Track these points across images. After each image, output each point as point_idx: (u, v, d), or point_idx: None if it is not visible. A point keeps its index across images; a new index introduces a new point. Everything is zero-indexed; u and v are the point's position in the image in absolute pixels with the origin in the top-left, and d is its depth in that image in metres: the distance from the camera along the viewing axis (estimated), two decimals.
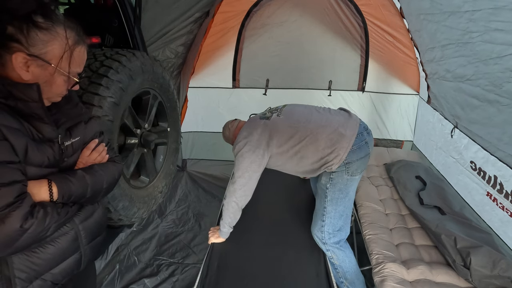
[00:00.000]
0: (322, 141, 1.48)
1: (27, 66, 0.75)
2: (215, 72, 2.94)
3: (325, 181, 1.55)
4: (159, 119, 1.91)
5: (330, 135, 1.48)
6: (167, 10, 2.22)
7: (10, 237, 0.72)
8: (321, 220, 1.59)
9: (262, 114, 1.64)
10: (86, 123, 0.95)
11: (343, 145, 1.47)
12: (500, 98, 1.59)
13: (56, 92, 0.82)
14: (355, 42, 2.86)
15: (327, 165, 1.50)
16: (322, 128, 1.50)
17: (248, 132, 1.54)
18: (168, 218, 2.59)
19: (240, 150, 1.52)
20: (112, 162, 1.02)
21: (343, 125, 1.52)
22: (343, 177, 1.52)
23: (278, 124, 1.54)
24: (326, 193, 1.55)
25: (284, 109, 1.62)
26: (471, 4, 1.44)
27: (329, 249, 1.60)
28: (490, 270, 1.47)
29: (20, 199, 0.72)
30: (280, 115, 1.58)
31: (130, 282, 1.99)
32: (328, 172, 1.53)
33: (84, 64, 0.87)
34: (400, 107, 3.01)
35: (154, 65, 1.71)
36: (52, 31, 0.76)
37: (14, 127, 0.74)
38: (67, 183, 0.84)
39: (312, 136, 1.49)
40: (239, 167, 1.53)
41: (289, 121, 1.55)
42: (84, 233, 0.93)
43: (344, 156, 1.46)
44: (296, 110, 1.62)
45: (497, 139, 1.75)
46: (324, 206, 1.57)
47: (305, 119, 1.55)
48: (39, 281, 0.85)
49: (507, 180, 1.70)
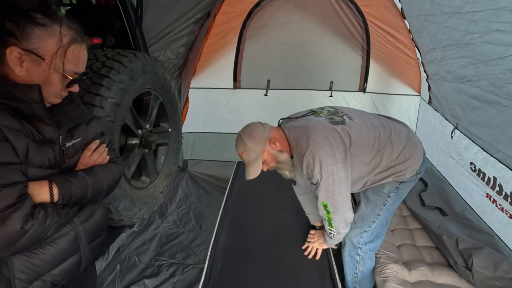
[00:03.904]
0: (397, 150, 1.34)
1: (21, 61, 0.74)
2: (216, 73, 2.94)
3: (389, 190, 1.41)
4: (160, 119, 1.91)
5: (406, 143, 1.36)
6: (168, 11, 2.23)
7: (10, 238, 0.72)
8: (367, 226, 1.50)
9: (329, 120, 1.32)
10: (87, 124, 0.95)
11: (417, 154, 1.37)
12: (500, 99, 1.59)
13: (53, 92, 0.81)
14: (356, 42, 2.86)
15: (398, 175, 1.36)
16: (398, 136, 1.36)
17: (328, 145, 1.23)
18: (169, 218, 2.59)
19: (328, 169, 1.22)
20: (113, 163, 1.02)
21: (410, 132, 1.41)
22: (409, 187, 1.44)
23: (357, 129, 1.30)
24: (386, 201, 1.43)
25: (349, 111, 1.40)
26: (472, 5, 1.44)
27: (361, 254, 1.56)
28: (492, 271, 1.47)
29: (21, 200, 0.73)
30: (352, 118, 1.34)
31: (131, 283, 1.98)
32: (396, 182, 1.40)
33: (84, 64, 0.86)
34: (401, 108, 3.01)
35: (155, 65, 1.71)
36: (48, 27, 0.75)
37: (15, 128, 0.74)
38: (67, 184, 0.84)
39: (390, 144, 1.33)
40: (338, 194, 1.26)
41: (367, 126, 1.33)
42: (84, 234, 0.93)
43: (418, 166, 1.37)
44: (360, 112, 1.43)
45: (497, 141, 1.75)
46: (378, 213, 1.47)
47: (379, 123, 1.38)
48: (39, 282, 0.85)
49: (507, 182, 1.69)
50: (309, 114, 1.38)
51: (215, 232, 1.75)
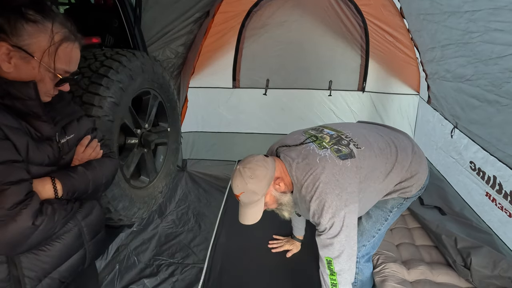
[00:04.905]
0: (404, 168, 1.26)
1: (10, 57, 0.73)
2: (215, 72, 2.94)
3: (393, 206, 1.36)
4: (159, 119, 1.91)
5: (412, 159, 1.29)
6: (167, 10, 2.22)
7: (22, 235, 0.73)
8: (366, 241, 1.47)
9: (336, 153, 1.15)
10: (78, 121, 0.96)
11: (423, 169, 1.30)
12: (499, 98, 1.59)
13: (43, 90, 0.80)
14: (355, 42, 2.86)
15: (403, 191, 1.29)
16: (404, 152, 1.28)
17: (338, 187, 1.09)
18: (168, 218, 2.59)
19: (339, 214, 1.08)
20: (107, 157, 1.02)
21: (414, 145, 1.34)
22: (411, 202, 1.38)
23: (366, 159, 1.18)
24: (388, 216, 1.38)
25: (352, 135, 1.25)
26: (471, 4, 1.44)
27: (359, 267, 1.53)
28: (491, 270, 1.47)
29: (29, 197, 0.73)
30: (359, 146, 1.20)
31: (130, 282, 1.98)
32: (401, 198, 1.34)
33: (76, 63, 0.85)
34: (400, 107, 3.01)
35: (154, 65, 1.71)
36: (39, 24, 0.74)
37: (14, 127, 0.74)
38: (69, 179, 0.85)
39: (397, 164, 1.25)
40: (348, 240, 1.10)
41: (375, 153, 1.21)
42: (87, 230, 0.94)
43: (423, 181, 1.31)
44: (363, 133, 1.29)
45: (497, 139, 1.75)
46: (379, 228, 1.43)
47: (384, 143, 1.27)
48: (48, 280, 0.86)
49: (506, 181, 1.69)
50: (310, 141, 1.22)
51: (215, 232, 1.75)
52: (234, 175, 1.17)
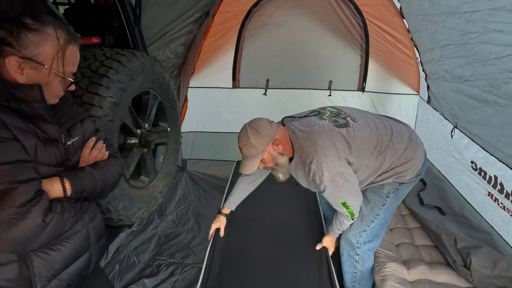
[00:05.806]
0: (399, 151, 1.35)
1: (21, 69, 0.75)
2: (215, 72, 2.94)
3: (389, 191, 1.43)
4: (159, 119, 1.91)
5: (407, 144, 1.37)
6: (167, 10, 2.22)
7: (33, 232, 0.74)
8: (366, 226, 1.52)
9: (333, 122, 1.32)
10: (82, 123, 0.97)
11: (418, 155, 1.37)
12: (498, 99, 1.59)
13: (53, 94, 0.83)
14: (355, 42, 2.86)
15: (398, 176, 1.37)
16: (400, 137, 1.37)
17: (335, 149, 1.25)
18: (168, 218, 2.59)
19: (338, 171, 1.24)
20: (113, 158, 1.03)
21: (412, 132, 1.42)
22: (409, 188, 1.45)
23: (361, 131, 1.32)
24: (385, 201, 1.45)
25: (351, 113, 1.40)
26: (470, 5, 1.44)
27: (360, 253, 1.57)
28: (491, 270, 1.47)
29: (38, 195, 0.75)
30: (356, 120, 1.35)
31: (130, 282, 1.98)
32: (396, 183, 1.41)
33: (77, 63, 0.87)
34: (400, 107, 3.01)
35: (154, 65, 1.71)
36: (42, 32, 0.75)
37: (22, 128, 0.75)
38: (78, 178, 0.86)
39: (391, 146, 1.34)
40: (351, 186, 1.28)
41: (370, 128, 1.34)
42: (93, 232, 0.96)
43: (419, 167, 1.38)
44: (363, 114, 1.43)
45: (496, 140, 1.75)
46: (377, 214, 1.48)
47: (381, 124, 1.39)
48: (56, 281, 0.87)
49: (507, 180, 1.70)
50: (312, 115, 1.38)
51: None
52: (241, 130, 1.33)
